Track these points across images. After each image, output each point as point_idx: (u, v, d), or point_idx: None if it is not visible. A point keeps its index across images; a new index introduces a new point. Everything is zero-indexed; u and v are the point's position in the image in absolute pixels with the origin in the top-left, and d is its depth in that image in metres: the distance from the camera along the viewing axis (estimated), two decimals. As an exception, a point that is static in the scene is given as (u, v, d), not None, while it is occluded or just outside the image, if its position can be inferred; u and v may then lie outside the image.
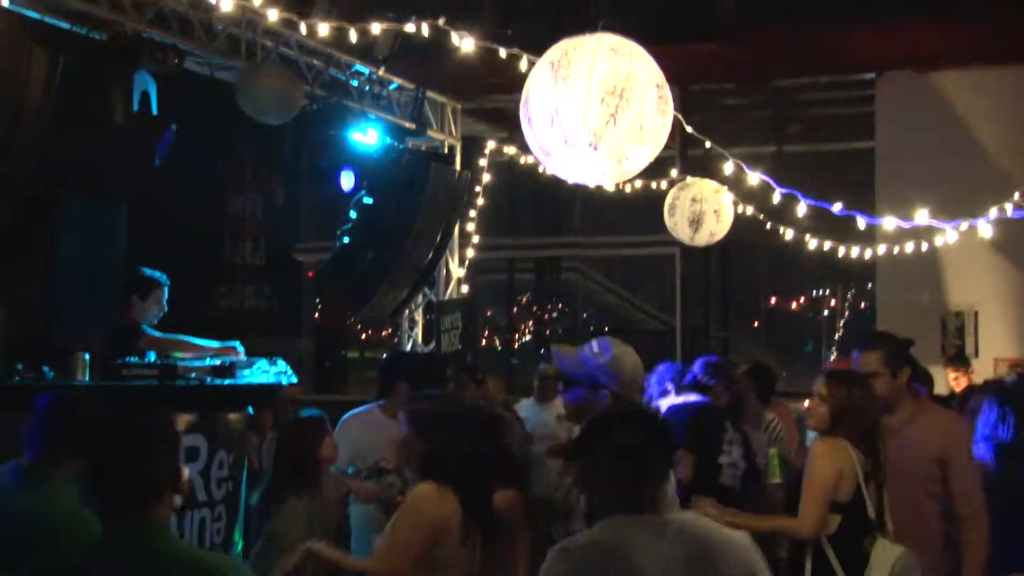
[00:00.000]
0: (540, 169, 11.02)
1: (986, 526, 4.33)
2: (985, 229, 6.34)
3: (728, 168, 6.40)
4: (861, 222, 6.59)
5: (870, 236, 10.46)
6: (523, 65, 5.23)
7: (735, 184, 8.44)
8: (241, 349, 6.72)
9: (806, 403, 4.67)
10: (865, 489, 4.13)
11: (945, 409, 5.29)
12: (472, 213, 11.50)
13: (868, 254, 9.38)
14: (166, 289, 6.97)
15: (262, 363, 6.71)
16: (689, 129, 5.69)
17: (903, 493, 4.36)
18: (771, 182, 6.34)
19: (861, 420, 4.23)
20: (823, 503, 4.10)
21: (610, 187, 4.43)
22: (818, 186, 8.90)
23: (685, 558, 2.83)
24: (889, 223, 6.67)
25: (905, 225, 6.45)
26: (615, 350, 4.22)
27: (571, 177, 4.42)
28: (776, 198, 6.54)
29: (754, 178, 6.36)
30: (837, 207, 6.76)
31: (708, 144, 6.03)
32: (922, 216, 6.37)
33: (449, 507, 3.99)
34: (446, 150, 10.99)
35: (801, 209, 6.65)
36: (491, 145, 11.74)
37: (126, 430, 3.02)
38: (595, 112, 4.03)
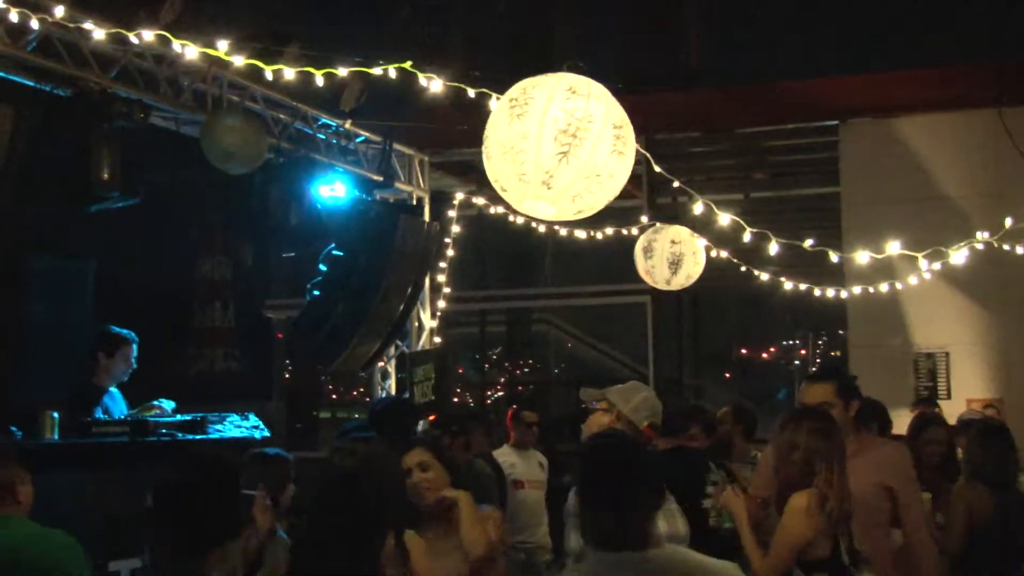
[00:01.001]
0: (510, 219, 11.20)
1: (932, 549, 4.50)
2: (957, 257, 6.40)
3: (698, 208, 6.42)
4: (833, 256, 6.64)
5: (841, 280, 10.57)
6: (492, 106, 5.25)
7: (704, 228, 8.51)
8: (166, 405, 6.64)
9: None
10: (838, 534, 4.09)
11: (889, 440, 5.37)
12: (443, 265, 11.50)
13: (843, 294, 9.44)
14: (135, 346, 6.91)
15: (234, 418, 6.67)
16: (658, 169, 5.72)
17: (854, 524, 4.34)
18: (741, 222, 6.39)
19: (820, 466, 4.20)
20: (789, 559, 4.05)
21: (566, 218, 4.42)
22: (786, 230, 8.97)
23: None
24: (861, 257, 6.73)
25: (877, 256, 6.50)
26: (632, 384, 4.56)
27: (527, 212, 4.44)
28: (747, 237, 6.57)
29: (724, 219, 6.40)
30: (807, 243, 6.81)
31: (676, 183, 6.07)
32: (894, 247, 6.43)
33: None
34: (415, 202, 11.00)
35: (773, 248, 6.68)
36: (460, 196, 11.77)
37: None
38: (548, 150, 4.06)
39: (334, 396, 24.34)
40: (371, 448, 3.82)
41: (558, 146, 4.06)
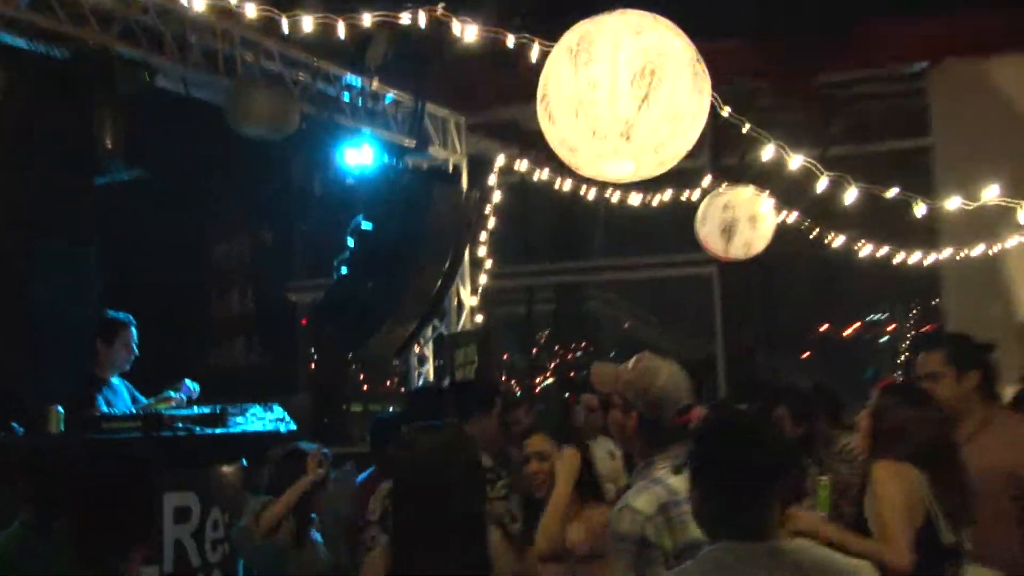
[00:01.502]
0: (556, 185, 11.16)
1: None
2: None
3: (767, 153, 6.36)
4: (919, 208, 6.55)
5: (932, 244, 10.44)
6: (534, 55, 5.22)
7: (773, 185, 8.44)
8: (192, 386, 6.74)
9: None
10: (939, 513, 4.06)
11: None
12: (483, 236, 11.49)
13: (936, 258, 9.33)
14: (134, 330, 6.98)
15: (256, 409, 6.72)
16: (726, 112, 5.67)
17: (977, 512, 4.28)
18: (815, 166, 6.32)
19: (912, 439, 4.16)
20: (907, 526, 4.01)
21: (646, 174, 4.36)
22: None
23: None
24: (952, 203, 6.63)
25: (970, 205, 6.40)
26: (646, 363, 4.02)
27: (602, 175, 4.41)
28: (822, 186, 6.49)
29: (796, 163, 6.32)
30: (891, 192, 6.75)
31: (746, 126, 5.99)
32: (991, 191, 6.31)
33: None
34: (451, 168, 11.00)
35: (850, 195, 6.62)
36: (501, 161, 11.75)
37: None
38: (625, 96, 4.01)
39: (365, 387, 24.40)
40: (448, 434, 3.85)
41: (636, 90, 4.01)
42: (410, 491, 3.37)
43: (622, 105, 4.00)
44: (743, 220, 8.20)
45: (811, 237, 9.79)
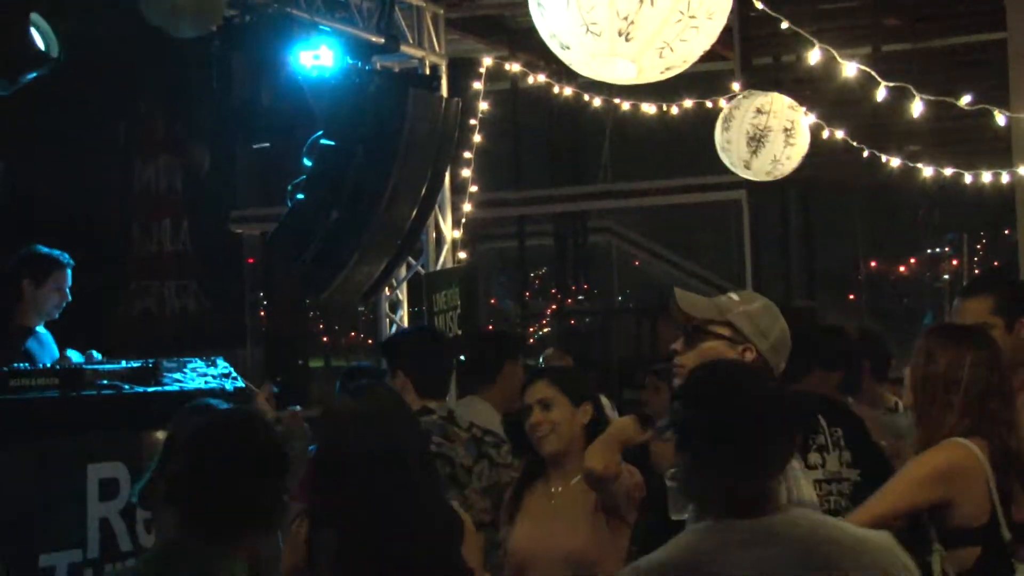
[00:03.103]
0: (555, 91, 11.09)
1: None
2: None
3: (814, 57, 6.31)
4: (999, 118, 6.53)
5: (1007, 160, 10.42)
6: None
7: (816, 93, 8.38)
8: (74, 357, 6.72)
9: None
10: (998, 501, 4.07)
11: None
12: (467, 155, 11.43)
13: (1009, 178, 9.31)
14: (69, 271, 6.95)
15: (197, 364, 6.69)
16: (759, 5, 5.62)
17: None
18: (872, 73, 6.28)
19: (967, 388, 4.16)
20: (898, 499, 4.10)
21: (649, 79, 4.32)
22: (930, 94, 8.83)
23: (796, 569, 2.80)
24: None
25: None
26: (764, 302, 3.98)
27: (598, 75, 4.38)
28: (880, 95, 6.46)
29: (850, 69, 6.29)
30: (964, 100, 6.72)
31: (784, 24, 5.94)
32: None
33: None
34: (427, 71, 10.91)
35: (916, 108, 6.58)
36: (487, 63, 11.65)
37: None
38: None
39: (326, 338, 24.48)
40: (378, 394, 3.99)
41: (638, -20, 3.98)
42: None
43: None
44: (776, 130, 8.07)
45: (861, 156, 9.74)
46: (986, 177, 9.80)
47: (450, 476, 5.22)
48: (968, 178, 9.81)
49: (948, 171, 9.82)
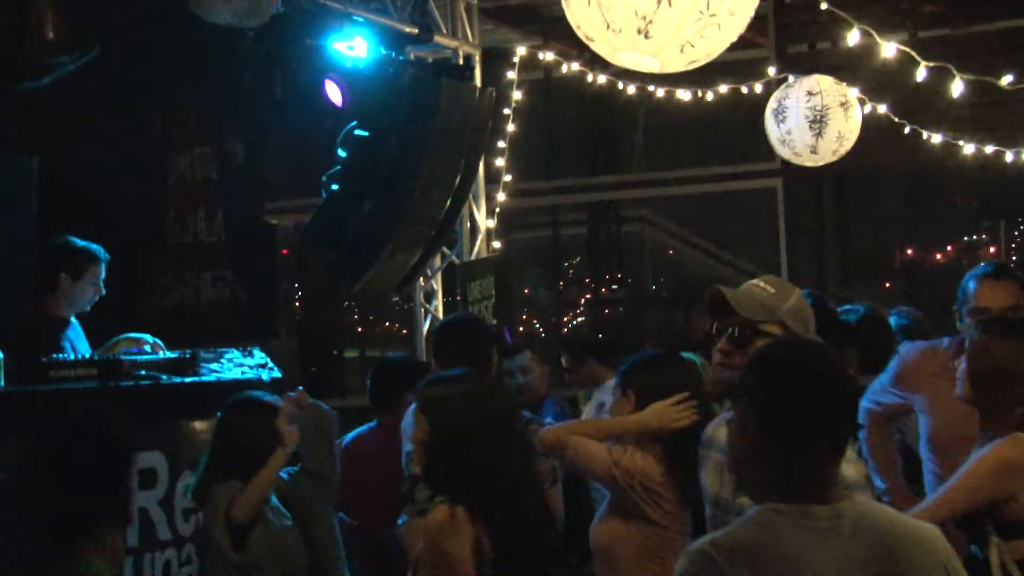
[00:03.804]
0: (588, 79, 11.07)
1: None
2: None
3: (853, 38, 6.31)
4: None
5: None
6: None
7: (855, 77, 8.34)
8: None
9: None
10: None
11: None
12: (501, 145, 11.43)
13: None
14: (103, 266, 7.00)
15: (234, 355, 6.72)
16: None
17: None
18: (913, 54, 6.27)
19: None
20: (964, 495, 4.12)
21: (673, 70, 4.35)
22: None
23: (866, 561, 2.79)
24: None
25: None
26: (791, 288, 4.07)
27: (625, 64, 4.43)
28: (920, 75, 6.45)
29: (889, 50, 6.28)
30: (1005, 80, 6.70)
31: (824, 5, 5.94)
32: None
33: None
34: (461, 61, 10.92)
35: (956, 88, 6.58)
36: (521, 53, 11.65)
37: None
38: None
39: (360, 329, 24.51)
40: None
41: (655, -21, 4.00)
42: None
43: None
44: (834, 107, 8.05)
45: (898, 140, 9.69)
46: (1024, 160, 9.76)
47: None
48: (1010, 156, 9.75)
49: (989, 149, 9.77)
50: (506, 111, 11.48)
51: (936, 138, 9.60)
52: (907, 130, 9.56)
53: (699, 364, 5.04)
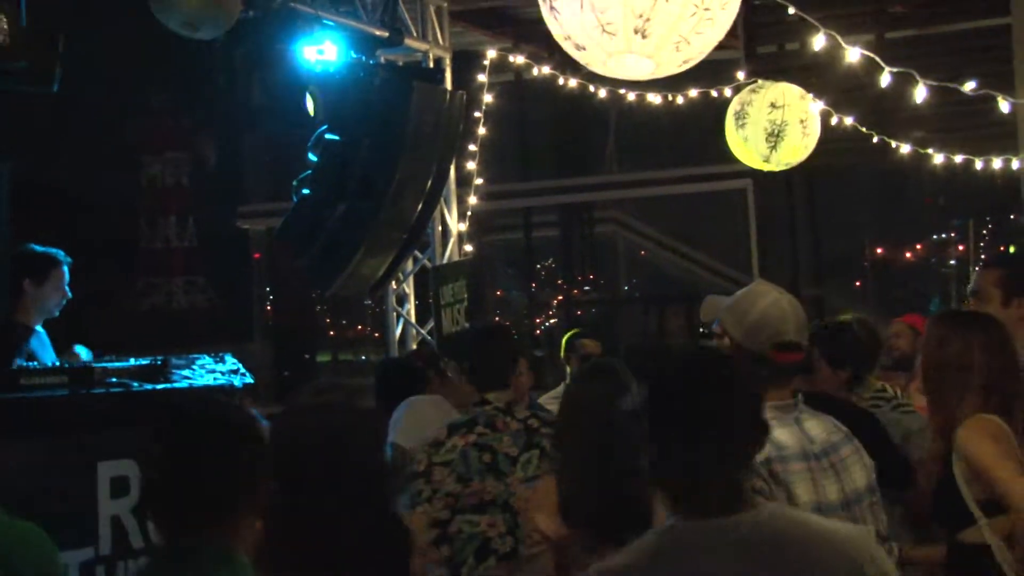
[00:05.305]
0: (560, 82, 11.07)
1: None
2: None
3: (818, 43, 6.31)
4: (1003, 105, 6.53)
5: (1013, 146, 10.39)
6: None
7: (822, 80, 8.33)
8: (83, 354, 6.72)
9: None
10: None
11: None
12: (472, 148, 11.41)
13: (1016, 164, 9.29)
14: (66, 268, 6.94)
15: (206, 361, 6.67)
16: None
17: None
18: (876, 59, 6.28)
19: (983, 373, 4.20)
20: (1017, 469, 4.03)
21: (667, 72, 4.34)
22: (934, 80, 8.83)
23: (761, 569, 2.74)
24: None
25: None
26: (749, 288, 4.07)
27: (615, 74, 4.40)
28: (885, 81, 6.46)
29: (853, 55, 6.29)
30: (968, 86, 6.72)
31: (791, 10, 5.94)
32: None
33: None
34: (431, 64, 10.89)
35: (920, 93, 6.58)
36: (492, 55, 11.63)
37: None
38: None
39: (333, 332, 24.50)
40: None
41: (653, -25, 4.00)
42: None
43: None
44: (793, 123, 8.08)
45: (867, 143, 9.72)
46: (996, 164, 9.78)
47: (489, 464, 5.23)
48: (979, 164, 9.79)
49: (958, 158, 9.80)
50: (477, 114, 11.46)
51: (904, 147, 9.64)
52: (875, 139, 9.58)
53: None
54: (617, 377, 4.23)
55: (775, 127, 8.14)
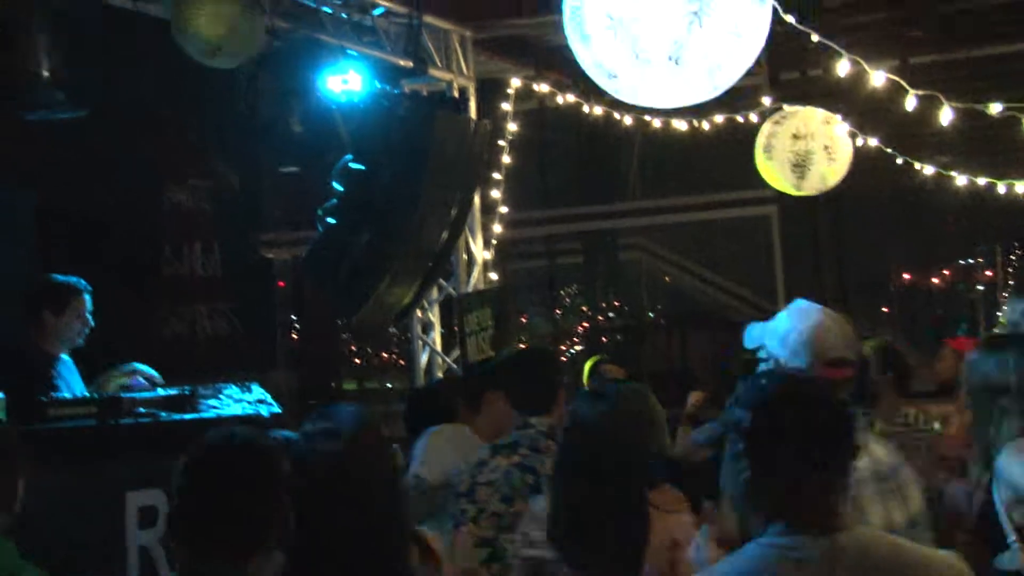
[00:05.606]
0: (585, 109, 11.10)
1: None
2: None
3: (843, 68, 6.34)
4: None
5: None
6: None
7: (847, 104, 8.36)
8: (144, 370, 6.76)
9: None
10: None
11: None
12: (496, 176, 11.45)
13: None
14: (87, 297, 7.00)
15: (232, 390, 6.71)
16: (790, 19, 5.64)
17: None
18: (901, 83, 6.30)
19: None
20: None
21: (701, 99, 4.38)
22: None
23: None
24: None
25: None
26: (791, 307, 4.13)
27: (647, 102, 4.43)
28: (910, 104, 6.48)
29: (878, 78, 6.32)
30: (994, 108, 6.74)
31: (814, 37, 5.98)
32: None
33: None
34: (456, 93, 10.95)
35: (945, 115, 6.61)
36: (516, 84, 11.68)
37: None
38: (674, 12, 4.02)
39: (357, 360, 24.52)
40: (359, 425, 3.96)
41: (685, 3, 4.01)
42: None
43: (670, 22, 4.00)
44: (818, 151, 8.14)
45: (894, 165, 9.73)
46: (1020, 188, 9.77)
47: (532, 485, 5.27)
48: (1002, 188, 9.78)
49: (982, 181, 9.80)
50: (501, 142, 11.50)
51: (928, 170, 9.64)
52: (899, 160, 9.59)
53: None
54: (621, 401, 4.28)
55: (799, 158, 8.21)
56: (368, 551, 3.42)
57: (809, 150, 8.31)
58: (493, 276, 11.57)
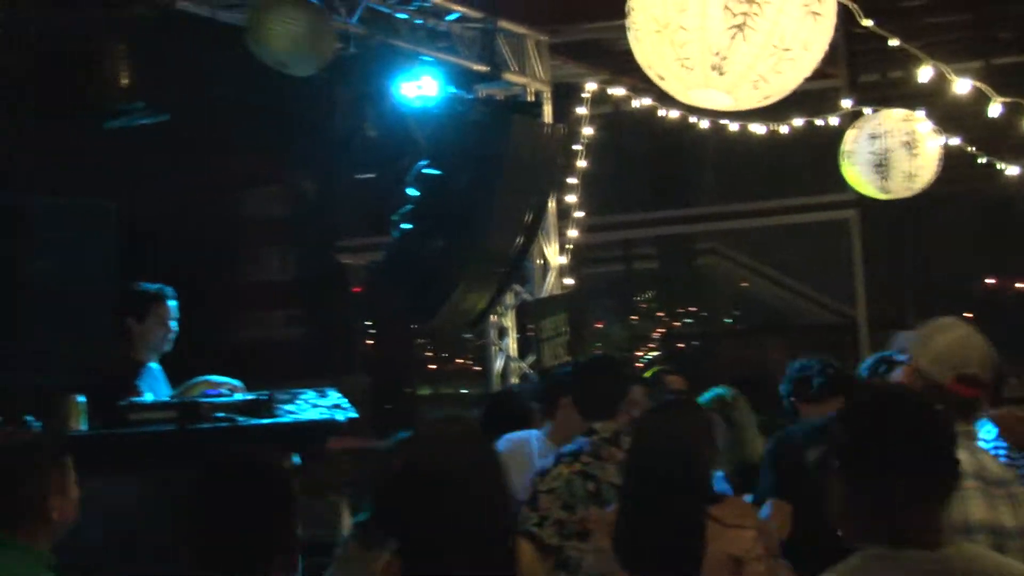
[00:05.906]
0: (660, 113, 11.08)
1: None
2: None
3: (924, 75, 6.28)
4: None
5: None
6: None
7: (933, 105, 8.28)
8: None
9: None
10: None
11: None
12: (572, 181, 11.44)
13: None
14: (171, 304, 7.08)
15: (309, 395, 6.77)
16: (867, 23, 5.61)
17: None
18: (985, 89, 6.24)
19: None
20: None
21: (747, 106, 4.39)
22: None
23: None
24: None
25: None
26: (940, 320, 4.23)
27: (695, 103, 4.47)
28: (995, 111, 6.41)
29: (962, 86, 6.25)
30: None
31: (894, 41, 5.93)
32: None
33: None
34: (531, 97, 10.96)
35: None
36: (591, 88, 11.67)
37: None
38: (716, 24, 4.03)
39: (433, 366, 24.56)
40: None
41: (729, 17, 4.03)
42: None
43: (713, 34, 4.02)
44: (897, 148, 8.05)
45: (977, 167, 9.63)
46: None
47: (593, 492, 5.30)
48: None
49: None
50: (576, 147, 11.49)
51: (1013, 170, 9.54)
52: (983, 161, 9.49)
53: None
54: (691, 412, 4.30)
55: (879, 157, 8.14)
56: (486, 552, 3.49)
57: (887, 147, 8.23)
58: (568, 281, 11.56)
